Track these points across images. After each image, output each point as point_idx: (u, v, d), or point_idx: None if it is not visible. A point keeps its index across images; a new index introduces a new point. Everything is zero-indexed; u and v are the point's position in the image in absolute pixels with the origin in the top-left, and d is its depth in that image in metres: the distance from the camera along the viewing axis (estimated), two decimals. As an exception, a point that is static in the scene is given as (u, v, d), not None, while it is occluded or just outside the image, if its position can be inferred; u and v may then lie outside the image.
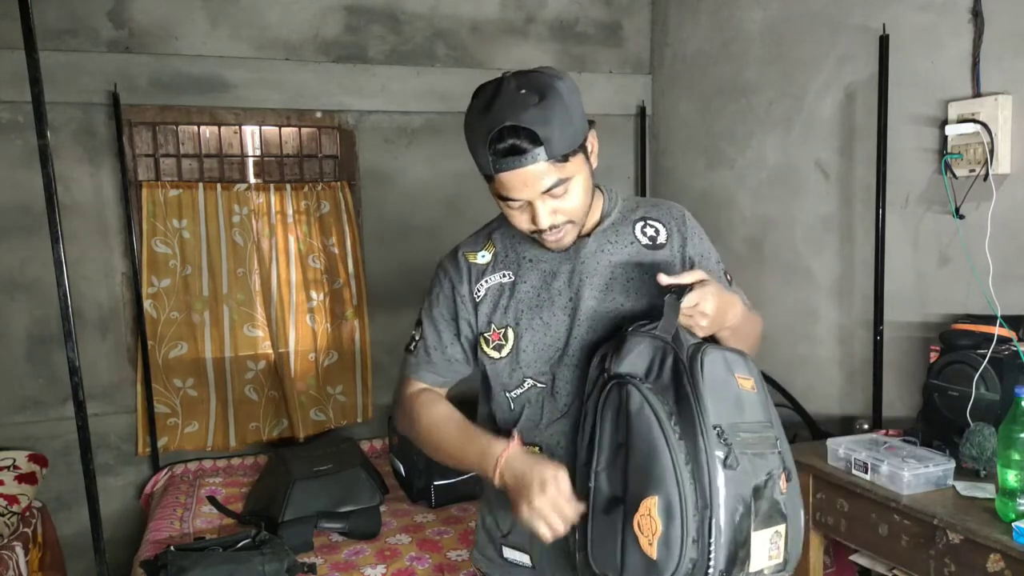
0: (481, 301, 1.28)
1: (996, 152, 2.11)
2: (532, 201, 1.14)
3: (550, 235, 1.18)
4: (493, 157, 1.09)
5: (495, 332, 1.27)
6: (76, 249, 2.93)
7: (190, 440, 3.19)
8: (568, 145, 1.11)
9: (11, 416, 2.99)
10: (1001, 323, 1.99)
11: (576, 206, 1.17)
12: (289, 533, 2.40)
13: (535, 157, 1.08)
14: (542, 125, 1.07)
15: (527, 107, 1.07)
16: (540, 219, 1.15)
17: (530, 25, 3.61)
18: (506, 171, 1.10)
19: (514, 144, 1.07)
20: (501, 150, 1.08)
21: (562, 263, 1.26)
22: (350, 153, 3.41)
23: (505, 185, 1.12)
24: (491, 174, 1.12)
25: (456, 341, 1.31)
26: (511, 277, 1.27)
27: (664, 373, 1.06)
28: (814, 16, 2.79)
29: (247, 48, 3.19)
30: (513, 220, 1.20)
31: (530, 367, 1.25)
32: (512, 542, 1.30)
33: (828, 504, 2.05)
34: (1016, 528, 1.53)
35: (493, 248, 1.31)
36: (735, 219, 3.24)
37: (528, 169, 1.09)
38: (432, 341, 1.33)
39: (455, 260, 1.32)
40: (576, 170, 1.14)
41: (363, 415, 3.45)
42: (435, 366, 1.34)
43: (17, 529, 2.57)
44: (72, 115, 2.99)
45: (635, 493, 1.01)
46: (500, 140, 1.08)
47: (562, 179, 1.12)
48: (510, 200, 1.15)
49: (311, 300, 3.37)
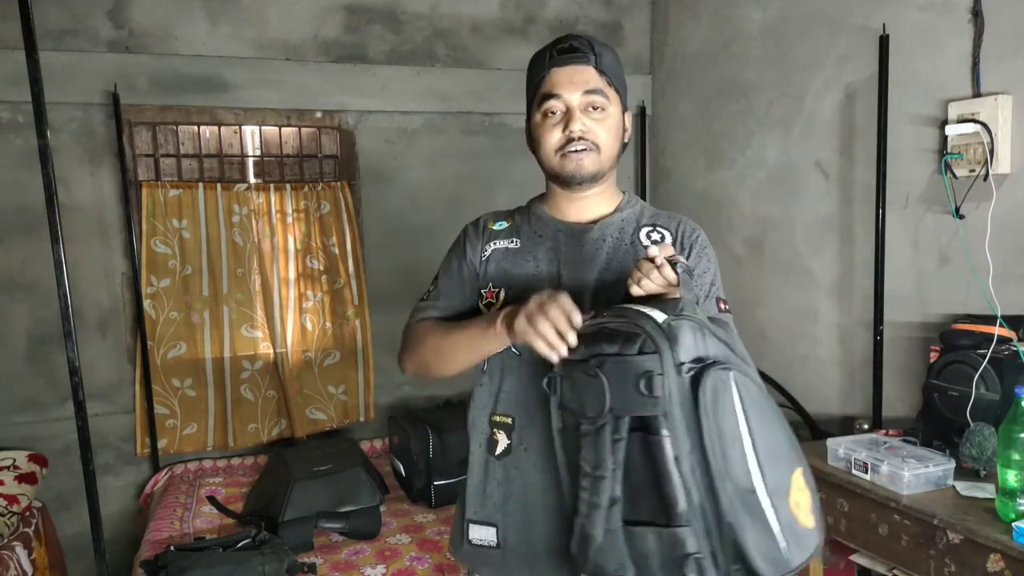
0: (486, 260, 1.35)
1: (996, 152, 2.11)
2: (571, 105, 1.25)
3: (575, 148, 1.25)
4: (553, 54, 1.27)
5: (490, 290, 1.33)
6: (76, 249, 2.93)
7: (189, 441, 3.19)
8: (615, 74, 1.29)
9: (11, 416, 2.99)
10: (1001, 323, 1.99)
11: (606, 133, 1.27)
12: (289, 533, 2.40)
13: (588, 59, 1.26)
14: (599, 45, 1.28)
15: (590, 37, 1.31)
16: (573, 122, 1.25)
17: (530, 25, 3.61)
18: (560, 65, 1.26)
19: (573, 44, 1.27)
20: (561, 48, 1.27)
21: (566, 243, 1.31)
22: (350, 153, 3.41)
23: (554, 80, 1.26)
24: (544, 73, 1.27)
25: (465, 296, 1.37)
26: (517, 244, 1.34)
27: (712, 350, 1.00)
28: (814, 16, 2.79)
29: (247, 48, 3.19)
30: (544, 137, 1.28)
31: None
32: (478, 517, 1.33)
33: (828, 504, 2.04)
34: (1016, 528, 1.54)
35: (512, 220, 1.39)
36: (735, 219, 3.24)
37: (579, 67, 1.26)
38: (445, 291, 1.39)
39: (476, 224, 1.41)
40: (614, 102, 1.28)
41: (364, 415, 3.45)
42: (446, 309, 1.38)
43: (17, 529, 2.57)
44: (72, 115, 2.99)
45: (779, 475, 0.96)
46: (562, 42, 1.28)
47: (604, 91, 1.26)
48: (552, 99, 1.25)
49: (311, 300, 3.37)
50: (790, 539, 0.94)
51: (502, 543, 1.30)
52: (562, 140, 1.26)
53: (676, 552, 0.94)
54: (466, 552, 1.36)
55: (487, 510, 1.32)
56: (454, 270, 1.38)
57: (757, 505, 0.93)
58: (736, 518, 0.93)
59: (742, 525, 0.92)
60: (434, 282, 1.42)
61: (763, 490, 0.93)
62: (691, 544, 0.94)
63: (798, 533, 0.95)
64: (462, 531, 1.36)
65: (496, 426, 1.31)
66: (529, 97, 1.32)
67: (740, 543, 0.93)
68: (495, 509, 1.31)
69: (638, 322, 0.97)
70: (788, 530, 0.94)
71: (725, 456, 0.93)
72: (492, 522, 1.31)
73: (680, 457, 0.94)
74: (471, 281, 1.36)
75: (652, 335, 0.95)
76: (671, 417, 0.94)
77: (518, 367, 1.28)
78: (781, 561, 0.94)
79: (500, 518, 1.30)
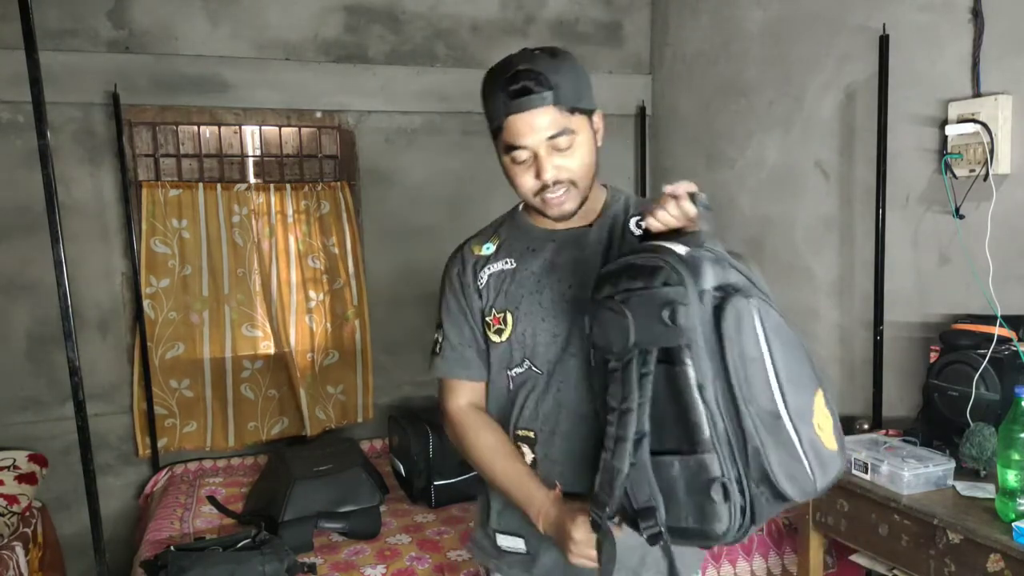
0: (484, 287, 1.31)
1: (996, 152, 2.11)
2: (538, 152, 1.18)
3: (553, 194, 1.20)
4: (506, 99, 1.16)
5: (495, 316, 1.30)
6: (76, 249, 2.93)
7: (189, 441, 3.19)
8: (576, 99, 1.18)
9: (11, 416, 2.99)
10: (1001, 323, 1.99)
11: (579, 166, 1.21)
12: (289, 533, 2.39)
13: (544, 100, 1.15)
14: (553, 72, 1.16)
15: (541, 58, 1.18)
16: (544, 171, 1.18)
17: (530, 25, 3.61)
18: (516, 112, 1.16)
19: (526, 85, 1.15)
20: (513, 91, 1.15)
21: (564, 252, 1.29)
22: (350, 153, 3.41)
23: (514, 130, 1.17)
24: (501, 123, 1.18)
25: (477, 332, 1.34)
26: (513, 264, 1.31)
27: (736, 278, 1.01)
28: (814, 16, 2.79)
29: (247, 48, 3.19)
30: (518, 181, 1.22)
31: (528, 350, 1.27)
32: (504, 528, 1.34)
33: (828, 504, 2.05)
34: (1016, 528, 1.54)
35: (499, 240, 1.35)
36: (735, 219, 3.24)
37: (537, 111, 1.15)
38: (455, 338, 1.35)
39: (460, 254, 1.37)
40: (581, 129, 1.20)
41: (364, 415, 3.45)
42: (466, 361, 1.35)
43: (17, 529, 2.57)
44: (72, 115, 2.99)
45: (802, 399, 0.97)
46: (514, 81, 1.15)
47: (568, 129, 1.17)
48: (517, 149, 1.18)
49: (311, 300, 3.37)
50: (813, 461, 0.95)
51: (532, 551, 1.31)
52: (537, 186, 1.21)
53: (701, 477, 0.95)
54: (494, 553, 1.36)
55: (515, 523, 1.31)
56: (454, 312, 1.35)
57: (781, 428, 0.94)
58: (761, 441, 0.93)
59: (767, 448, 0.93)
60: (439, 328, 1.38)
61: (786, 413, 0.94)
62: (715, 469, 0.94)
63: (821, 455, 0.96)
64: (488, 536, 1.37)
65: (520, 440, 1.31)
66: (491, 131, 1.23)
67: (765, 466, 0.93)
68: (523, 522, 1.29)
69: (661, 255, 0.98)
70: (812, 452, 0.95)
71: (748, 381, 0.94)
72: (520, 534, 1.32)
73: (704, 385, 0.95)
74: (475, 314, 1.33)
75: (675, 266, 0.96)
76: (695, 346, 0.95)
77: (543, 384, 1.28)
78: (807, 481, 0.95)
79: (529, 531, 1.28)
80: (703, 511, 0.95)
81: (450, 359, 1.35)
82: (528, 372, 1.28)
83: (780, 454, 0.94)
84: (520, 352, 1.28)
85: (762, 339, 0.95)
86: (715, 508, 0.94)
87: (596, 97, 1.26)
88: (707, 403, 0.94)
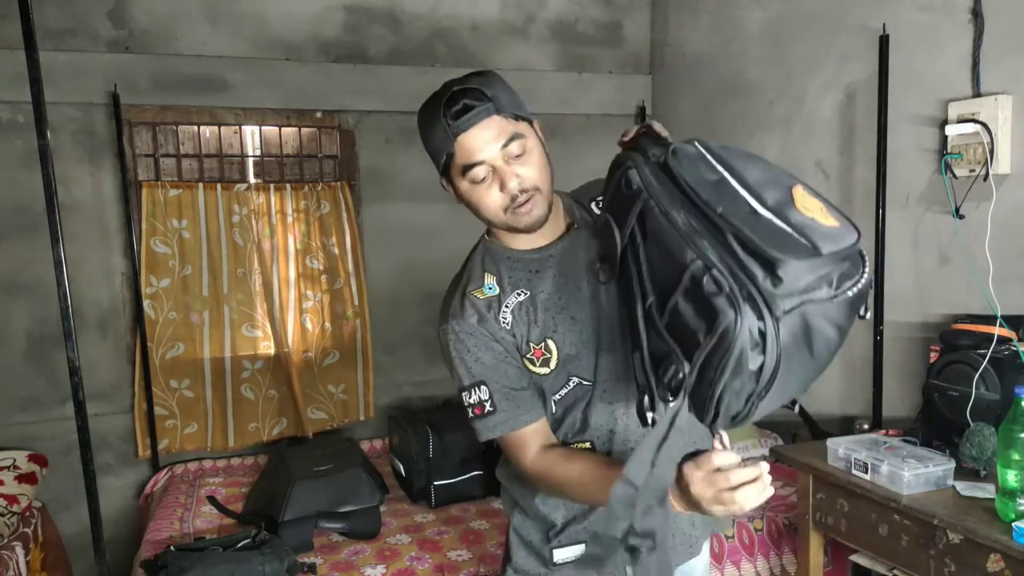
0: (512, 325, 1.25)
1: (996, 152, 2.11)
2: (495, 164, 1.17)
3: (522, 206, 1.19)
4: (449, 122, 1.15)
5: (536, 350, 1.25)
6: (76, 249, 2.93)
7: (189, 441, 3.19)
8: (516, 106, 1.19)
9: (11, 416, 2.99)
10: (1001, 323, 1.99)
11: (538, 171, 1.20)
12: (289, 533, 2.39)
13: (488, 111, 1.16)
14: (487, 87, 1.18)
15: (471, 79, 1.20)
16: (508, 180, 1.17)
17: (530, 25, 3.61)
18: (464, 131, 1.15)
19: (466, 103, 1.15)
20: (456, 112, 1.15)
21: (568, 261, 1.27)
22: (350, 153, 3.41)
23: (466, 149, 1.16)
24: (451, 149, 1.17)
25: (522, 374, 1.27)
26: (527, 293, 1.26)
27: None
28: (814, 16, 2.79)
29: (247, 48, 3.19)
30: (483, 202, 1.20)
31: (575, 366, 1.26)
32: (568, 540, 1.33)
33: (828, 504, 2.05)
34: (1016, 528, 1.53)
35: (493, 276, 1.29)
36: (735, 219, 3.24)
37: (483, 123, 1.15)
38: (503, 389, 1.26)
39: (464, 307, 1.27)
40: (529, 134, 1.20)
41: (365, 414, 3.45)
42: (526, 405, 1.27)
43: (17, 529, 2.57)
44: (72, 115, 2.99)
45: (778, 194, 0.92)
46: (453, 103, 1.16)
47: (517, 134, 1.17)
48: (474, 168, 1.17)
49: (311, 300, 3.37)
50: (811, 235, 0.88)
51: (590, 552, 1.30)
52: (505, 200, 1.18)
53: (697, 291, 0.90)
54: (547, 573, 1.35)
55: (580, 532, 1.31)
56: (490, 363, 1.25)
57: (765, 220, 0.89)
58: (746, 240, 0.88)
59: (753, 241, 0.87)
60: (474, 390, 1.26)
61: (765, 209, 0.90)
62: (699, 266, 0.89)
63: (820, 230, 0.89)
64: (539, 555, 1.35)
65: None
66: (441, 166, 1.21)
67: (749, 236, 0.87)
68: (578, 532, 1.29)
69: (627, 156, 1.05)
70: (806, 229, 0.88)
71: (718, 199, 0.91)
72: (580, 540, 1.31)
73: (669, 212, 0.94)
74: (514, 355, 1.26)
75: (629, 155, 1.04)
76: (652, 189, 0.97)
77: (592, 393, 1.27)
78: (801, 248, 0.87)
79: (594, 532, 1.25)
80: (708, 319, 0.89)
81: (508, 411, 1.26)
82: (577, 388, 1.27)
83: (770, 240, 0.87)
84: (565, 373, 1.26)
85: (717, 164, 0.95)
86: (715, 304, 0.87)
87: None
88: (676, 226, 0.93)
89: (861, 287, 0.91)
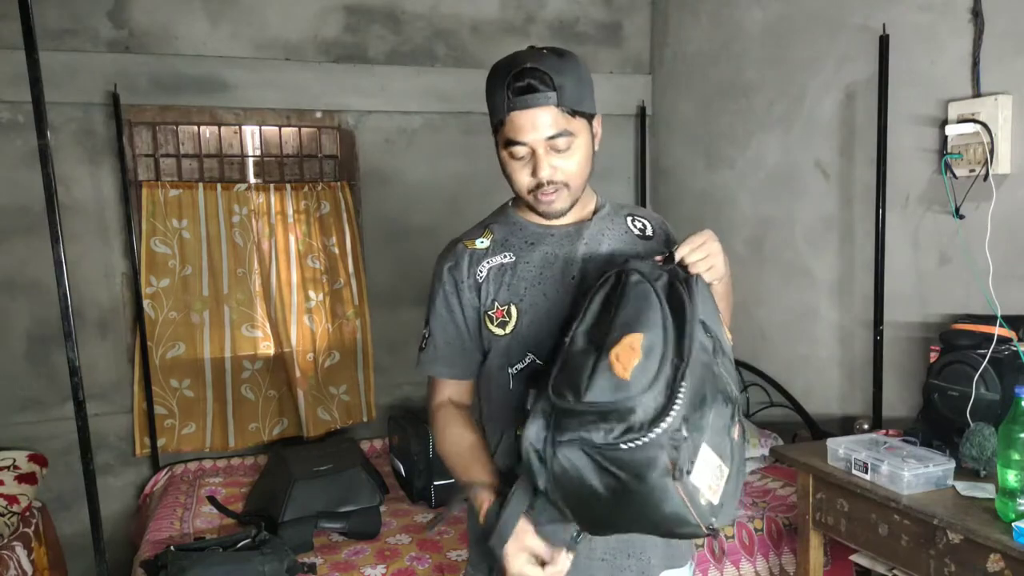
0: (484, 281, 1.31)
1: (996, 152, 2.11)
2: (536, 150, 1.20)
3: (545, 194, 1.24)
4: (510, 95, 1.18)
5: (499, 309, 1.30)
6: (76, 249, 2.93)
7: (188, 441, 3.19)
8: (578, 101, 1.20)
9: (11, 416, 2.99)
10: (1001, 323, 1.99)
11: (575, 168, 1.24)
12: (289, 533, 2.39)
13: (548, 99, 1.17)
14: (558, 73, 1.18)
15: (547, 58, 1.20)
16: (541, 169, 1.21)
17: (530, 25, 3.61)
18: (519, 109, 1.18)
19: (531, 83, 1.17)
20: (518, 88, 1.17)
21: (564, 244, 1.31)
22: (350, 153, 3.41)
23: (515, 126, 1.20)
24: (503, 117, 1.20)
25: (464, 330, 1.34)
26: (512, 257, 1.32)
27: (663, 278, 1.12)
28: (814, 16, 2.79)
29: (247, 48, 3.19)
30: (514, 176, 1.26)
31: (532, 343, 1.28)
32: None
33: (828, 504, 2.05)
34: (1016, 528, 1.53)
35: (491, 235, 1.35)
36: (735, 219, 3.24)
37: (539, 110, 1.18)
38: (441, 336, 1.36)
39: (453, 250, 1.36)
40: (581, 132, 1.22)
41: (367, 414, 3.45)
42: (450, 359, 1.36)
43: (17, 529, 2.57)
44: (72, 115, 2.99)
45: (619, 335, 1.02)
46: (519, 79, 1.18)
47: (568, 131, 1.20)
48: (516, 145, 1.21)
49: (311, 300, 3.37)
50: (594, 378, 1.00)
51: None
52: (532, 183, 1.24)
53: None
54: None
55: None
56: (441, 310, 1.35)
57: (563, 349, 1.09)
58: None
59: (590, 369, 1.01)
60: (426, 326, 1.38)
61: (579, 340, 1.08)
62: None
63: (613, 381, 0.99)
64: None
65: None
66: (492, 125, 1.27)
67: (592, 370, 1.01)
68: None
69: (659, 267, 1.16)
70: (595, 373, 1.00)
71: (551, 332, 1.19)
72: None
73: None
74: (468, 310, 1.33)
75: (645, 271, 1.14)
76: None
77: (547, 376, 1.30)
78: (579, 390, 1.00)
79: None
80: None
81: (434, 357, 1.37)
82: (532, 366, 1.28)
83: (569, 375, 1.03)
84: (522, 347, 1.29)
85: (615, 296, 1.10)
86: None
87: (596, 97, 1.27)
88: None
89: (640, 444, 0.96)
